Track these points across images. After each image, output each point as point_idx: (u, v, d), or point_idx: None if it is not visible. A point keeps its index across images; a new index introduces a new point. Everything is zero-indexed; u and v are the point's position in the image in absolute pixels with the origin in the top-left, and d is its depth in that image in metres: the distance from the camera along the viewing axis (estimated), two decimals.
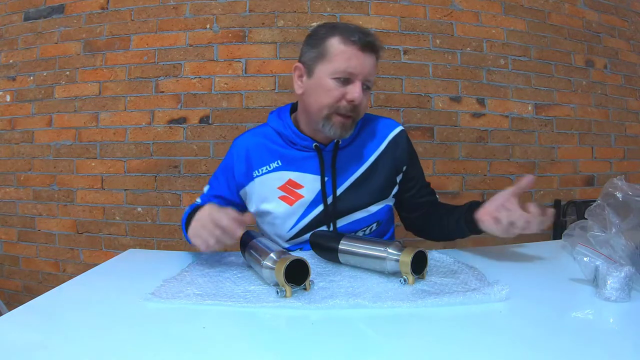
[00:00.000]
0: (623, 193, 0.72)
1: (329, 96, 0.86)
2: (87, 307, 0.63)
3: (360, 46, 0.84)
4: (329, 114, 0.87)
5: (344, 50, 0.84)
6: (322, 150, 0.93)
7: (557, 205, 1.98)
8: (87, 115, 1.86)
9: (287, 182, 0.94)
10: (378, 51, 0.89)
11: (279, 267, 0.63)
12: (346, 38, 0.85)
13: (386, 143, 0.98)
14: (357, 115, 0.89)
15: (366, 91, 0.89)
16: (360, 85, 0.85)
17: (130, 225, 1.85)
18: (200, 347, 0.49)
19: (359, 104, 0.86)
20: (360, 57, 0.85)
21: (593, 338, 0.51)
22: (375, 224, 0.98)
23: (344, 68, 0.84)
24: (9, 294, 1.98)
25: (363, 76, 0.86)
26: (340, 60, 0.84)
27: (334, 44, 0.85)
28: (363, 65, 0.85)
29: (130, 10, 1.84)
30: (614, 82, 2.06)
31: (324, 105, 0.87)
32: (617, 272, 0.61)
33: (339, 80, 0.85)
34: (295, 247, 0.97)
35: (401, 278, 0.68)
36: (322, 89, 0.86)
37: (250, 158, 0.96)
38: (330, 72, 0.85)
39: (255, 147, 0.96)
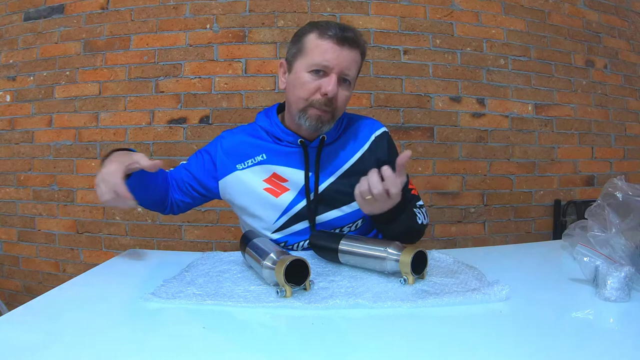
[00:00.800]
0: (623, 193, 0.72)
1: (304, 89, 0.88)
2: (87, 307, 0.63)
3: (336, 40, 0.86)
4: (305, 107, 0.89)
5: (319, 44, 0.86)
6: (307, 146, 0.95)
7: (557, 205, 1.98)
8: (87, 115, 1.86)
9: (272, 175, 0.96)
10: (358, 46, 0.89)
11: (279, 267, 0.63)
12: (323, 33, 0.86)
13: (369, 142, 1.00)
14: (335, 110, 0.90)
15: (345, 86, 0.89)
16: (335, 78, 0.86)
17: (130, 225, 1.85)
18: (200, 347, 0.49)
19: (333, 97, 0.87)
20: (336, 51, 0.86)
21: (593, 338, 0.51)
22: (360, 220, 0.99)
23: (318, 61, 0.86)
24: (9, 294, 1.98)
25: (339, 69, 0.86)
26: (315, 53, 0.86)
27: (311, 39, 0.88)
28: (338, 58, 0.86)
29: (130, 10, 1.84)
30: (614, 82, 2.06)
31: (300, 98, 0.89)
32: (617, 272, 0.61)
33: (314, 73, 0.87)
34: (282, 239, 0.98)
35: (401, 278, 0.68)
36: (299, 83, 0.89)
37: (234, 151, 0.98)
38: (306, 65, 0.87)
39: (241, 142, 0.99)
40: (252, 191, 0.96)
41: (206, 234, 1.83)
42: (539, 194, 1.97)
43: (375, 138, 1.00)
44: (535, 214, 1.97)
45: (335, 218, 0.96)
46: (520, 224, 1.96)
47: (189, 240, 1.84)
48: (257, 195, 0.96)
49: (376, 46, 1.83)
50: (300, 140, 0.94)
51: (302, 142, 0.94)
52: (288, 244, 0.98)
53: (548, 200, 1.98)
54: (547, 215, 1.99)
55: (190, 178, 1.01)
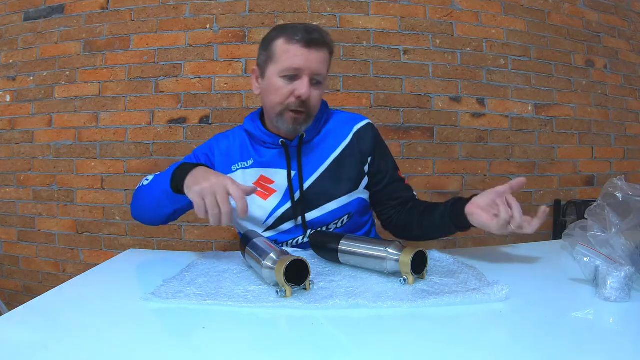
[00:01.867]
0: (623, 193, 0.72)
1: (279, 94, 0.91)
2: (87, 307, 0.63)
3: (304, 43, 0.88)
4: (281, 110, 0.92)
5: (288, 49, 0.89)
6: (288, 146, 0.97)
7: (557, 205, 1.98)
8: (87, 115, 1.86)
9: (260, 179, 0.98)
10: (326, 46, 0.91)
11: (279, 267, 0.63)
12: (290, 37, 0.89)
13: (351, 136, 1.01)
14: (309, 110, 0.92)
15: (317, 86, 0.92)
16: (307, 80, 0.88)
17: (130, 225, 1.85)
18: (200, 347, 0.49)
19: (307, 99, 0.89)
20: (304, 54, 0.88)
21: (593, 338, 0.51)
22: (347, 216, 0.99)
23: (288, 65, 0.88)
24: (9, 294, 1.98)
25: (310, 71, 0.89)
26: (285, 59, 0.89)
27: (279, 44, 0.90)
28: (308, 61, 0.88)
29: (130, 10, 1.84)
30: (614, 82, 2.06)
31: (276, 103, 0.92)
32: (617, 272, 0.61)
33: (286, 78, 0.90)
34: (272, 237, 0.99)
35: (401, 278, 0.68)
36: (272, 88, 0.92)
37: (230, 152, 1.01)
38: (277, 71, 0.90)
39: (234, 145, 1.02)
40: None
41: (206, 234, 1.83)
42: (539, 194, 1.97)
43: (357, 131, 1.01)
44: (535, 214, 1.97)
45: (322, 215, 0.97)
46: None
47: (189, 240, 1.84)
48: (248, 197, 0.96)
49: (376, 46, 1.83)
50: (281, 140, 0.96)
51: (283, 142, 0.96)
52: (278, 242, 0.99)
53: (548, 200, 1.98)
54: (547, 215, 1.98)
55: None
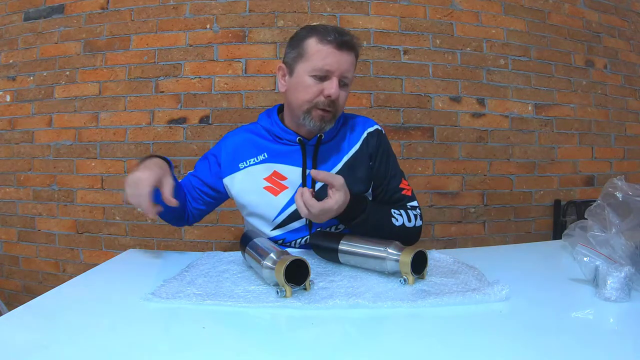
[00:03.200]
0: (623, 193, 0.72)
1: (308, 92, 0.91)
2: (87, 307, 0.63)
3: (336, 45, 0.89)
4: (309, 108, 0.92)
5: (320, 49, 0.90)
6: (305, 144, 0.98)
7: (557, 205, 1.98)
8: (87, 115, 1.86)
9: (273, 174, 0.98)
10: (355, 49, 0.93)
11: (278, 267, 0.63)
12: (323, 38, 0.90)
13: (362, 139, 1.03)
14: (336, 110, 0.93)
15: (344, 87, 0.93)
16: (336, 81, 0.90)
17: (130, 225, 1.85)
18: (200, 347, 0.49)
19: (336, 99, 0.91)
20: (336, 55, 0.89)
21: (593, 338, 0.51)
22: None
23: (320, 66, 0.89)
24: (9, 294, 1.98)
25: (340, 73, 0.90)
26: (317, 58, 0.90)
27: (311, 44, 0.91)
28: (339, 62, 0.90)
29: (130, 10, 1.84)
30: (614, 82, 2.06)
31: (304, 100, 0.92)
32: (617, 272, 0.61)
33: (316, 77, 0.90)
34: (280, 236, 0.99)
35: (401, 278, 0.68)
36: (302, 86, 0.92)
37: (237, 151, 1.01)
38: (308, 70, 0.91)
39: (244, 141, 1.02)
40: (253, 189, 0.98)
41: (206, 234, 1.83)
42: (539, 194, 1.97)
43: (367, 135, 1.03)
44: (535, 214, 1.97)
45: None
46: (520, 224, 1.95)
47: (189, 240, 1.84)
48: (258, 193, 0.98)
49: (376, 46, 1.83)
50: (299, 138, 0.97)
51: (300, 140, 0.98)
52: (286, 241, 0.99)
53: (548, 200, 1.98)
54: (547, 215, 1.99)
55: (200, 184, 1.03)
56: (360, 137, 1.03)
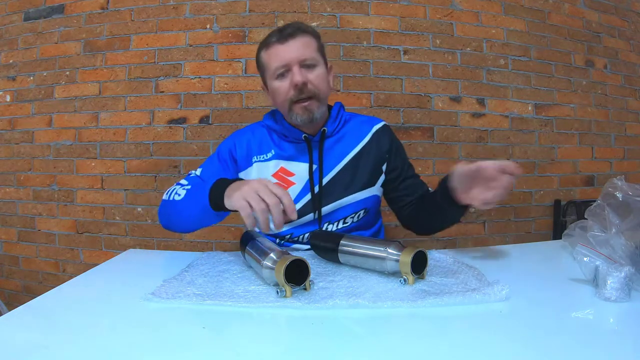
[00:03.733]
0: (623, 193, 0.72)
1: (280, 93, 0.96)
2: (87, 307, 0.63)
3: (278, 42, 0.94)
4: (289, 106, 0.95)
5: (269, 54, 0.96)
6: (310, 140, 1.00)
7: (557, 205, 1.98)
8: (87, 115, 1.86)
9: (280, 170, 1.01)
10: (301, 33, 0.95)
11: (279, 267, 0.63)
12: (267, 43, 0.96)
13: (370, 135, 1.05)
14: (315, 93, 0.95)
15: (311, 69, 0.94)
16: (297, 68, 0.92)
17: (130, 225, 1.85)
18: (200, 347, 0.49)
19: (305, 82, 0.92)
20: (281, 49, 0.93)
21: (593, 338, 0.51)
22: (363, 211, 1.02)
23: (274, 66, 0.94)
24: (9, 294, 1.98)
25: (295, 60, 0.92)
26: (271, 62, 0.95)
27: (263, 55, 0.98)
28: (287, 52, 0.93)
29: (130, 10, 1.84)
30: (614, 82, 2.06)
31: (282, 101, 0.96)
32: (617, 272, 0.61)
33: (280, 77, 0.95)
34: (287, 231, 1.00)
35: (401, 278, 0.68)
36: (275, 92, 0.97)
37: (250, 145, 1.03)
38: (271, 76, 0.96)
39: (254, 137, 1.05)
40: None
41: (206, 234, 1.83)
42: (539, 194, 1.97)
43: (376, 131, 1.06)
44: (535, 214, 1.97)
45: (340, 209, 1.00)
46: (520, 224, 1.95)
47: (189, 240, 1.84)
48: None
49: (376, 46, 1.83)
50: (304, 135, 0.99)
51: (305, 137, 0.99)
52: (294, 236, 1.00)
53: (548, 200, 1.98)
54: (547, 215, 1.99)
55: None
56: (368, 134, 1.05)
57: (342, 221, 1.00)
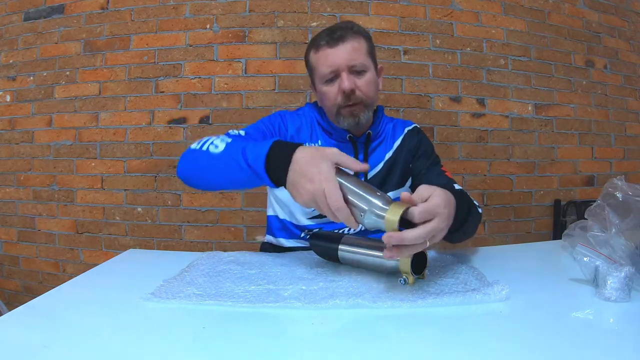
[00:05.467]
0: (623, 193, 0.72)
1: (328, 98, 0.95)
2: (87, 307, 0.63)
3: (327, 45, 0.92)
4: (337, 111, 0.95)
5: (318, 57, 0.94)
6: (356, 141, 1.01)
7: (557, 205, 1.98)
8: (87, 115, 1.86)
9: None
10: (352, 36, 0.93)
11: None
12: (317, 45, 0.94)
13: (402, 136, 1.06)
14: (363, 100, 0.94)
15: (360, 74, 0.93)
16: (346, 74, 0.91)
17: (130, 225, 1.85)
18: (200, 347, 0.49)
19: (353, 89, 0.91)
20: (332, 53, 0.91)
21: (593, 338, 0.51)
22: None
23: (324, 70, 0.93)
24: (9, 294, 1.98)
25: (344, 65, 0.91)
26: (320, 66, 0.94)
27: (312, 57, 0.96)
28: (338, 57, 0.91)
29: (130, 10, 1.84)
30: (614, 82, 2.06)
31: (329, 106, 0.96)
32: (617, 272, 0.61)
33: (329, 82, 0.93)
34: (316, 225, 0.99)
35: (401, 278, 0.68)
36: (323, 96, 0.96)
37: (301, 128, 1.02)
38: (320, 80, 0.95)
39: (306, 121, 1.03)
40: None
41: (206, 234, 1.83)
42: (539, 194, 1.97)
43: (407, 132, 1.07)
44: (535, 214, 1.97)
45: None
46: (520, 224, 1.96)
47: (189, 240, 1.84)
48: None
49: (376, 46, 1.81)
50: (349, 135, 0.99)
51: (351, 137, 1.00)
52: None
53: (548, 200, 1.98)
54: (547, 215, 1.99)
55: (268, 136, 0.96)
56: (401, 135, 1.06)
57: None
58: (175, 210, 1.82)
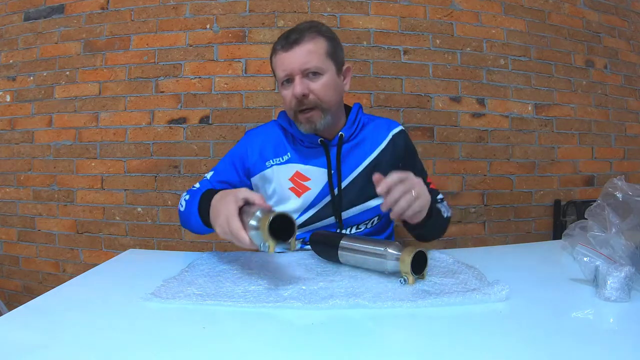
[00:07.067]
0: (623, 193, 0.72)
1: (285, 102, 0.95)
2: (87, 307, 0.63)
3: (282, 49, 0.92)
4: (293, 116, 0.95)
5: (275, 61, 0.94)
6: (327, 145, 0.98)
7: (557, 205, 1.98)
8: (87, 115, 1.86)
9: (295, 175, 0.98)
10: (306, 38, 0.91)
11: (263, 221, 0.63)
12: (275, 50, 0.94)
13: (387, 140, 1.02)
14: (318, 104, 0.92)
15: (315, 77, 0.91)
16: (298, 79, 0.90)
17: (130, 225, 1.85)
18: (200, 347, 0.49)
19: (305, 94, 0.90)
20: (286, 57, 0.91)
21: (593, 338, 0.51)
22: (377, 217, 1.01)
23: (279, 75, 0.93)
24: (9, 294, 1.98)
25: (297, 69, 0.90)
26: (276, 70, 0.94)
27: (272, 61, 0.96)
28: (290, 62, 0.90)
29: (130, 10, 1.84)
30: (614, 82, 2.06)
31: (287, 110, 0.97)
32: (617, 272, 0.61)
33: (285, 85, 0.94)
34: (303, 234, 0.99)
35: (401, 278, 0.68)
36: (283, 100, 0.97)
37: (264, 148, 1.01)
38: (279, 83, 0.95)
39: (269, 139, 1.02)
40: (278, 189, 0.98)
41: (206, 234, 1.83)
42: (539, 194, 1.97)
43: (393, 136, 1.04)
44: (535, 214, 1.97)
45: (357, 215, 0.99)
46: (520, 224, 1.96)
47: (189, 240, 1.84)
48: (281, 194, 0.98)
49: (376, 46, 1.83)
50: (321, 139, 0.97)
51: (322, 141, 0.97)
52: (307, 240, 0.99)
53: (548, 200, 1.98)
54: (547, 215, 1.99)
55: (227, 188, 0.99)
56: (386, 138, 1.03)
57: (356, 227, 0.99)
58: (175, 210, 1.81)
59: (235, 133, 1.80)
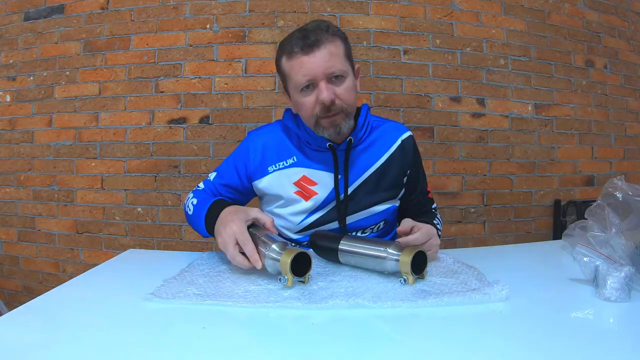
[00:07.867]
0: (623, 193, 0.72)
1: (305, 109, 0.89)
2: (87, 307, 0.63)
3: (302, 53, 0.85)
4: (315, 121, 0.89)
5: (292, 65, 0.87)
6: (336, 149, 0.95)
7: (557, 205, 1.98)
8: (87, 115, 1.86)
9: (302, 178, 0.96)
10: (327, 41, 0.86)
11: (285, 257, 0.65)
12: (290, 52, 0.86)
13: (396, 146, 1.00)
14: (343, 109, 0.89)
15: (339, 81, 0.87)
16: (324, 84, 0.85)
17: (130, 225, 1.85)
18: (200, 347, 0.49)
19: (332, 100, 0.86)
20: (308, 61, 0.85)
21: (593, 338, 0.51)
22: (383, 222, 1.00)
23: (299, 80, 0.86)
24: (9, 294, 1.98)
25: (322, 74, 0.85)
26: (294, 75, 0.87)
27: (285, 64, 0.89)
28: (314, 65, 0.84)
29: (130, 10, 1.84)
30: (614, 82, 2.06)
31: (307, 117, 0.90)
32: (617, 272, 0.61)
33: (305, 90, 0.87)
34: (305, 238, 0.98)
35: (401, 278, 0.68)
36: (300, 106, 0.90)
37: (266, 153, 0.97)
38: (295, 88, 0.88)
39: (273, 142, 0.98)
40: (283, 193, 0.96)
41: None
42: (539, 194, 1.97)
43: (402, 141, 1.01)
44: (535, 214, 1.97)
45: (363, 219, 0.97)
46: (520, 224, 1.96)
47: (189, 240, 1.84)
48: (287, 197, 0.96)
49: (376, 46, 1.83)
50: (329, 144, 0.93)
51: (330, 145, 0.94)
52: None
53: (548, 200, 1.98)
54: (547, 215, 1.99)
55: (230, 191, 1.00)
56: (394, 144, 1.00)
57: (361, 232, 0.98)
58: (175, 210, 1.82)
59: (235, 133, 1.80)
